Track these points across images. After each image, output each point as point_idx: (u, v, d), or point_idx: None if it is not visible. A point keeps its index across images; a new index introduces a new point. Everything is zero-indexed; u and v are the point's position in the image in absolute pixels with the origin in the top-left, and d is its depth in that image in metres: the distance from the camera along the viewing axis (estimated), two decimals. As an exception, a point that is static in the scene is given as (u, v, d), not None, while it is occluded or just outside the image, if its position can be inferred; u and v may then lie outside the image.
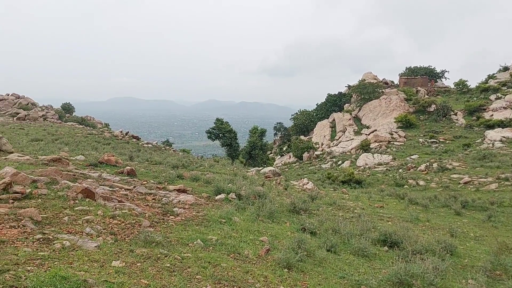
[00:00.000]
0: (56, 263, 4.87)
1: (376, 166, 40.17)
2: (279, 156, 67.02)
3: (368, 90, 68.22)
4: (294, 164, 53.60)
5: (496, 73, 71.06)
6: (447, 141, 47.73)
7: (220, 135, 52.17)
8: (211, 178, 15.16)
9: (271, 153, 74.57)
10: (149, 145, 39.27)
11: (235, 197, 12.07)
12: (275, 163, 61.18)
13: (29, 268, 4.53)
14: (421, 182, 29.05)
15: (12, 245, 5.31)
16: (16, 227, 6.11)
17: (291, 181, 23.36)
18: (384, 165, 39.79)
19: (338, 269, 7.61)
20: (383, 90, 70.74)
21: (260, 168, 33.94)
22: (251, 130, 55.14)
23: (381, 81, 78.22)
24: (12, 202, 7.51)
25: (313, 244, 8.52)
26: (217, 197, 11.87)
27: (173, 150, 43.92)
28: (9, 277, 4.19)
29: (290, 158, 60.31)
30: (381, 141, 51.04)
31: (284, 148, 68.36)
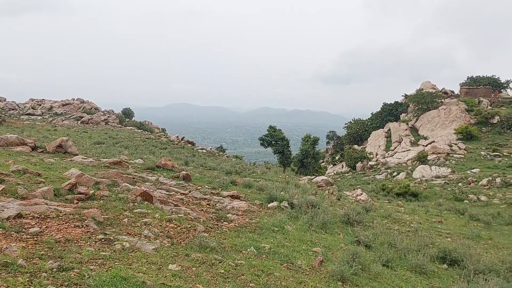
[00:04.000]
0: (116, 263, 5.03)
1: (433, 179, 38.47)
2: (332, 165, 66.02)
3: (426, 100, 65.86)
4: (346, 174, 52.56)
5: None
6: (511, 155, 44.82)
7: (273, 142, 52.23)
8: (263, 185, 15.17)
9: (323, 161, 73.63)
10: (204, 151, 40.05)
11: (287, 205, 11.99)
12: (327, 172, 60.31)
13: (92, 267, 4.71)
14: (483, 198, 27.43)
15: (76, 244, 5.55)
16: (80, 226, 6.40)
17: (344, 192, 22.90)
18: (442, 178, 38.01)
19: (395, 285, 7.30)
20: (443, 100, 67.98)
21: (312, 176, 33.58)
22: (303, 138, 54.82)
23: (440, 91, 75.17)
24: (77, 202, 7.89)
25: (368, 257, 8.25)
26: (269, 205, 11.85)
27: (226, 156, 44.51)
28: (74, 275, 4.37)
29: (342, 167, 59.24)
30: (439, 153, 48.87)
31: (337, 157, 67.28)
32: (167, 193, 10.85)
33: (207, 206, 10.32)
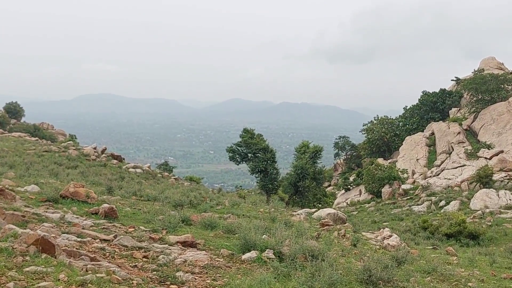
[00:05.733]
0: None
1: (502, 210, 39.16)
2: (343, 191, 66.57)
3: (489, 87, 67.05)
4: (367, 205, 53.02)
5: None
6: None
7: (250, 155, 52.22)
8: (234, 224, 15.15)
9: (329, 185, 74.19)
10: (138, 170, 39.79)
11: (273, 256, 11.99)
12: (336, 202, 60.75)
13: None
14: None
15: None
16: None
17: (363, 233, 23.05)
18: (517, 209, 38.79)
19: None
20: (515, 87, 69.38)
21: (313, 209, 33.70)
22: (298, 148, 54.99)
23: (511, 72, 76.87)
24: None
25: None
26: (244, 256, 11.84)
27: (175, 178, 44.37)
28: None
29: (360, 194, 59.77)
30: (511, 170, 49.82)
31: (351, 178, 67.86)
32: (79, 239, 10.73)
33: (144, 260, 10.25)
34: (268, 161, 51.31)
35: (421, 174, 59.69)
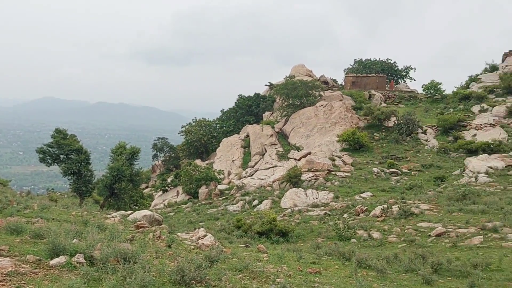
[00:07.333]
0: None
1: (309, 208, 41.13)
2: (161, 192, 66.41)
3: (299, 92, 70.36)
4: (184, 205, 53.30)
5: (481, 74, 77.75)
6: (412, 172, 50.48)
7: (62, 156, 50.29)
8: (43, 229, 14.53)
9: (147, 186, 73.67)
10: None
11: (83, 260, 11.68)
12: (153, 204, 60.41)
13: None
14: (376, 234, 30.17)
15: None
16: None
17: (179, 234, 23.16)
18: (322, 207, 40.86)
19: None
20: (322, 93, 73.58)
21: (129, 212, 33.25)
22: (114, 150, 53.92)
23: (319, 79, 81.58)
24: None
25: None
26: (52, 262, 11.42)
27: (-22, 181, 41.71)
28: None
29: (178, 195, 59.95)
30: (317, 170, 52.56)
31: (169, 180, 67.93)
32: None
33: None
34: (82, 163, 49.79)
35: (236, 175, 61.19)
